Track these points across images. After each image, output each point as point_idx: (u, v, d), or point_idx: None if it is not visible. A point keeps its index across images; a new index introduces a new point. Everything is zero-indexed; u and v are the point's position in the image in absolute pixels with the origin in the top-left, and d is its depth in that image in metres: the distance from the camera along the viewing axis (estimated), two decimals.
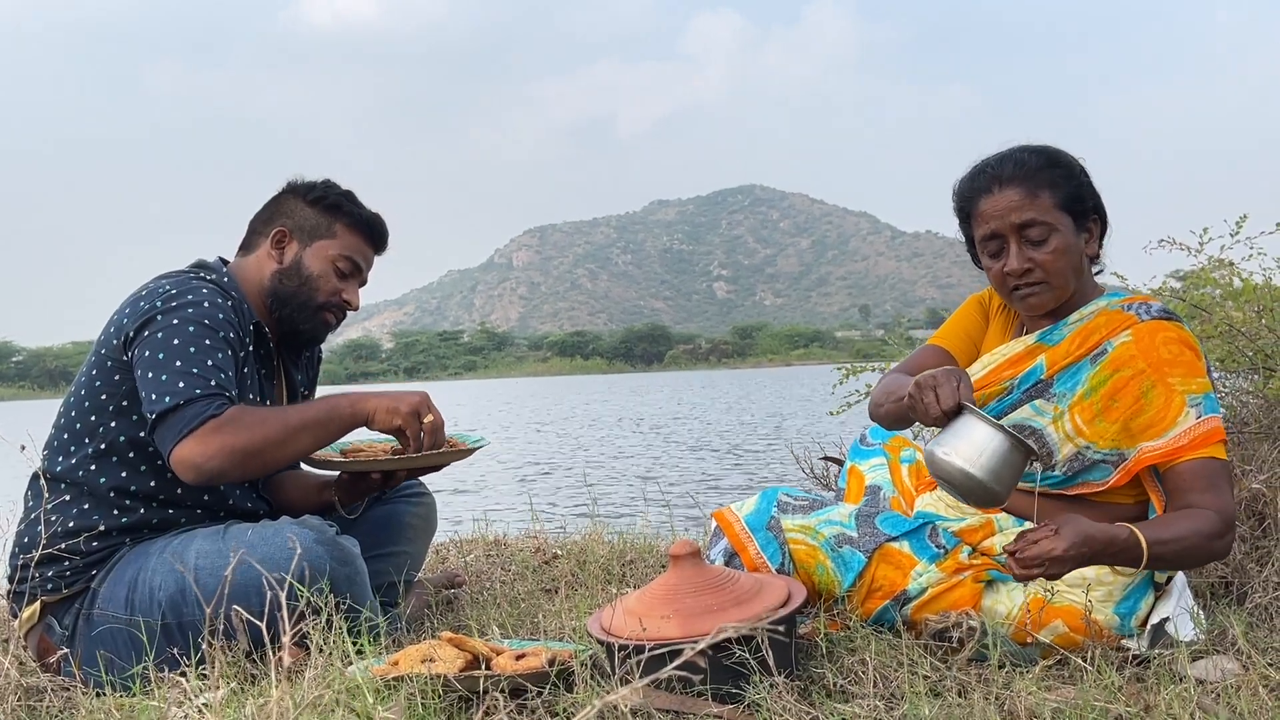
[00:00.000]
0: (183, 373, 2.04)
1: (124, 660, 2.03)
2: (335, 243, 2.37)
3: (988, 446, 1.74)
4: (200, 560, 2.04)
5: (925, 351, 2.28)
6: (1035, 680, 1.73)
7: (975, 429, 1.76)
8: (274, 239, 2.34)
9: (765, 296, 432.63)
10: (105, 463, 2.15)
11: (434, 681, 1.66)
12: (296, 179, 2.44)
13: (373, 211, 2.44)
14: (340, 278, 2.38)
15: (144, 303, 2.15)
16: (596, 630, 1.83)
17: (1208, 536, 1.84)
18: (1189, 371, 1.96)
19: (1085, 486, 2.01)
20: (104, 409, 2.16)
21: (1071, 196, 2.00)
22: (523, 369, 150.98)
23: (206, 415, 2.01)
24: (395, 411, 2.21)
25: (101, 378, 2.17)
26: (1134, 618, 1.94)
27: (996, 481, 1.74)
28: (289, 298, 2.34)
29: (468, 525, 3.97)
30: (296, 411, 2.17)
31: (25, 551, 2.13)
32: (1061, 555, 1.70)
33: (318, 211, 2.37)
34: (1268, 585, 2.20)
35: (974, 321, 2.28)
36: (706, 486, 9.09)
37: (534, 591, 2.82)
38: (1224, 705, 1.60)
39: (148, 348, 2.08)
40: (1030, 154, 2.03)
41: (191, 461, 2.01)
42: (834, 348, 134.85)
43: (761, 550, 2.12)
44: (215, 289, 2.21)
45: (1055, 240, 1.99)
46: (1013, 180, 2.00)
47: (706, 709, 1.64)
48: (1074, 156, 2.06)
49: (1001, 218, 2.00)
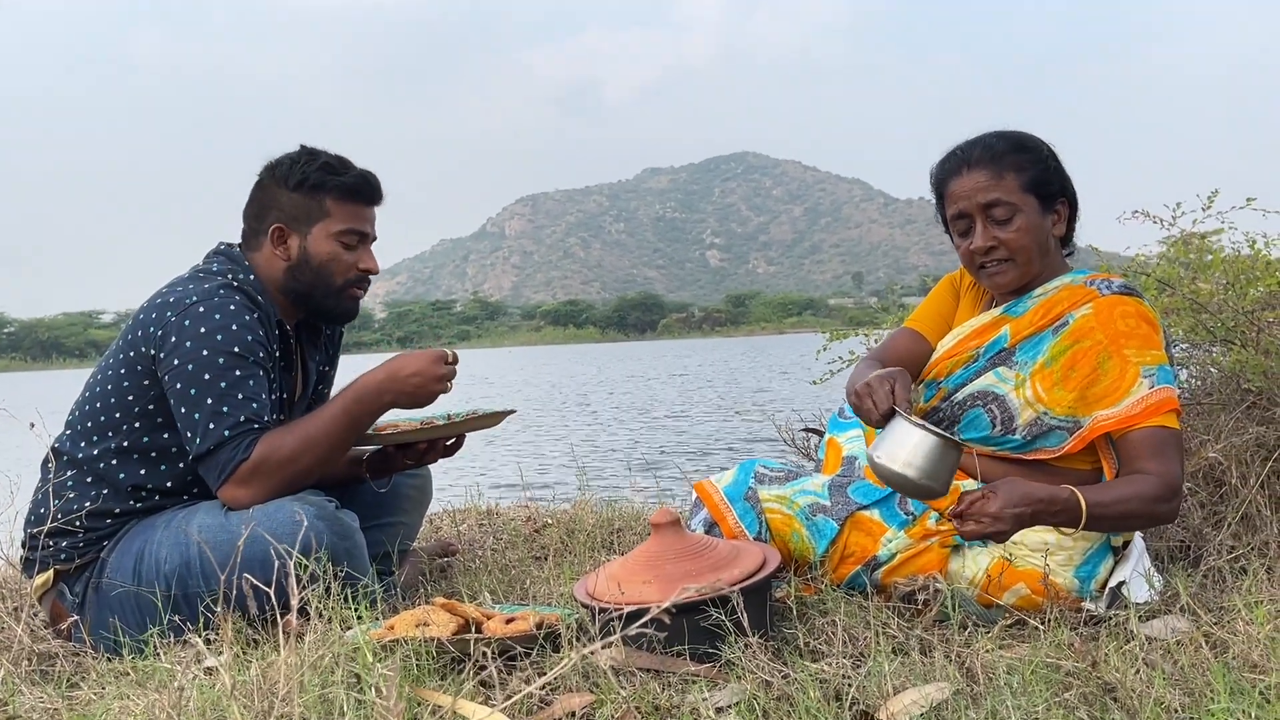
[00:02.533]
0: (212, 411, 2.10)
1: (131, 628, 2.11)
2: (332, 220, 2.33)
3: (920, 448, 1.83)
4: (204, 534, 2.09)
5: (899, 335, 2.37)
6: (994, 639, 1.84)
7: (907, 433, 1.84)
8: (274, 237, 2.32)
9: (758, 264, 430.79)
10: (125, 459, 2.21)
11: (428, 644, 1.74)
12: (271, 161, 2.37)
13: (357, 171, 2.37)
14: (350, 250, 2.35)
15: (172, 315, 2.17)
16: (581, 595, 1.93)
17: (1150, 500, 1.93)
18: (1144, 344, 2.05)
19: (1043, 452, 2.10)
20: (129, 409, 2.20)
21: (1036, 179, 2.10)
22: (516, 338, 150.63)
23: (236, 461, 2.10)
24: (421, 389, 2.25)
25: (130, 379, 2.20)
26: (1093, 581, 2.04)
27: (932, 479, 1.83)
28: (309, 289, 2.34)
29: (461, 496, 4.05)
30: (321, 424, 2.20)
31: (40, 522, 2.20)
32: (997, 513, 1.81)
33: (303, 195, 2.32)
34: (1221, 549, 2.29)
35: (945, 301, 2.38)
36: (695, 456, 9.19)
37: (524, 559, 2.90)
38: (1169, 660, 1.70)
39: (178, 379, 2.12)
40: (998, 138, 2.13)
41: (238, 503, 2.12)
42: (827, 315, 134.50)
43: (740, 520, 2.22)
44: (243, 301, 2.22)
45: (1019, 220, 2.08)
46: (980, 163, 2.10)
47: (684, 667, 1.74)
48: (1043, 141, 2.16)
49: (968, 198, 2.10)
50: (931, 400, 2.24)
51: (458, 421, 2.43)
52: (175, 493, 2.25)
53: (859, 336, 4.02)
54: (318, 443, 2.18)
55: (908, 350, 2.31)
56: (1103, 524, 1.93)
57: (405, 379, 2.23)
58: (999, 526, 1.82)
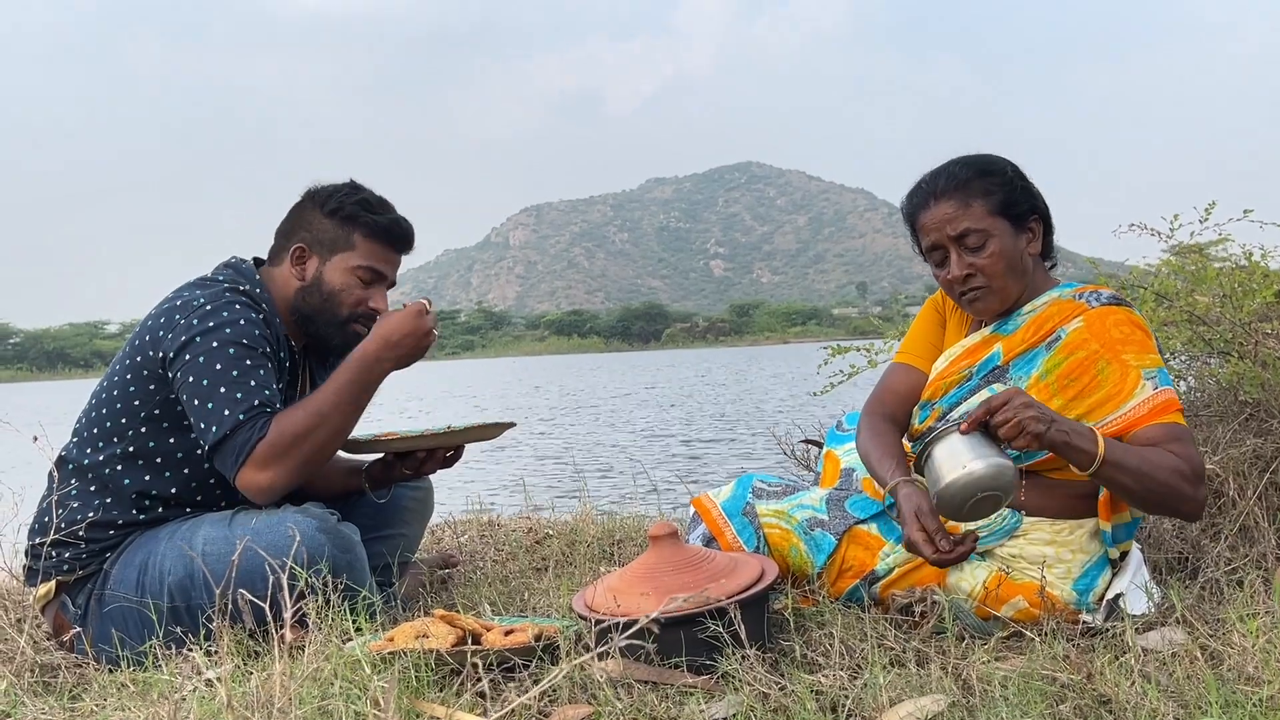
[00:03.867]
0: (226, 399, 2.12)
1: (135, 639, 2.13)
2: (354, 254, 2.36)
3: (960, 448, 1.86)
4: (207, 546, 2.12)
5: (894, 373, 2.36)
6: (990, 651, 1.84)
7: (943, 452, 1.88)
8: (294, 255, 2.36)
9: (762, 274, 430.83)
10: (130, 465, 2.23)
11: (426, 656, 1.75)
12: (315, 186, 2.42)
13: (394, 215, 2.42)
14: (363, 286, 2.38)
15: (180, 317, 2.19)
16: (580, 606, 1.94)
17: (1173, 471, 1.89)
18: (1141, 348, 2.05)
19: (1042, 462, 2.07)
20: (135, 414, 2.23)
21: (1005, 202, 2.10)
22: (520, 348, 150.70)
23: (253, 442, 2.10)
24: (409, 356, 2.27)
25: (136, 384, 2.23)
26: (1091, 594, 2.03)
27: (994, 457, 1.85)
28: (314, 314, 2.37)
29: (462, 507, 4.06)
30: (326, 397, 2.19)
31: (44, 532, 2.22)
32: (1028, 401, 1.83)
33: (335, 223, 2.36)
34: (1219, 560, 2.30)
35: (932, 327, 2.38)
36: (697, 467, 9.20)
37: (525, 570, 2.91)
38: (1164, 672, 1.70)
39: (190, 373, 2.14)
40: (961, 166, 2.14)
41: (258, 487, 2.12)
42: (831, 325, 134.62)
43: (738, 535, 2.23)
44: (247, 304, 2.26)
45: (992, 245, 2.09)
46: (945, 193, 2.11)
47: (681, 679, 1.74)
48: (1008, 162, 2.16)
49: (939, 229, 2.11)
50: (926, 421, 2.24)
51: (456, 432, 2.45)
52: (179, 501, 2.27)
53: (859, 353, 4.02)
54: (328, 416, 2.17)
55: (906, 385, 2.31)
56: (1119, 475, 1.88)
57: (399, 342, 2.24)
58: (1032, 413, 1.83)
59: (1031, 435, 1.82)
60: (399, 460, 2.52)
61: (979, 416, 1.86)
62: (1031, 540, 2.05)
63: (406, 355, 2.27)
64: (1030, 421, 1.82)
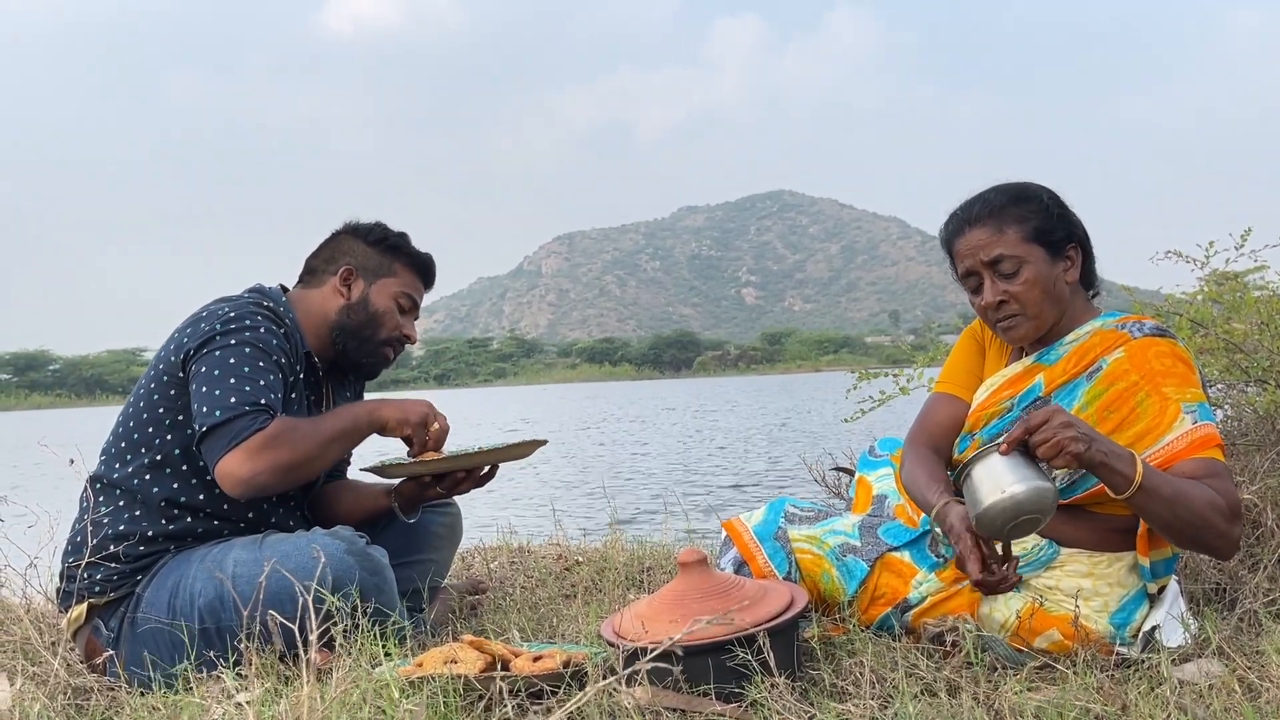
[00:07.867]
0: (234, 389, 2.18)
1: (166, 662, 2.14)
2: (396, 280, 2.54)
3: (998, 469, 1.84)
4: (238, 569, 2.14)
5: (936, 403, 2.33)
6: (1022, 681, 1.82)
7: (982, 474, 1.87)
8: (342, 276, 2.50)
9: (794, 302, 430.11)
10: (158, 473, 2.27)
11: (455, 681, 1.75)
12: (353, 220, 2.59)
13: (425, 252, 2.62)
14: (401, 313, 2.56)
15: (204, 324, 2.28)
16: (608, 633, 1.93)
17: (1209, 505, 1.86)
18: (1183, 382, 2.02)
19: (1082, 496, 2.05)
20: (160, 422, 2.28)
21: (1039, 229, 2.09)
22: (551, 376, 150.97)
23: (253, 429, 2.14)
24: (405, 422, 2.39)
25: (159, 391, 2.30)
26: (1128, 628, 2.00)
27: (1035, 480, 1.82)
28: (355, 331, 2.51)
29: (493, 533, 4.07)
30: (328, 424, 2.30)
31: (77, 553, 2.26)
32: (1068, 420, 1.80)
33: (379, 252, 2.54)
34: (1258, 591, 2.26)
35: (972, 356, 2.36)
36: (729, 493, 9.17)
37: (554, 597, 2.91)
38: (1201, 704, 1.67)
39: (204, 365, 2.22)
40: (996, 193, 2.13)
41: (237, 475, 2.14)
42: (864, 353, 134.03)
43: (769, 559, 2.22)
44: (270, 317, 2.34)
45: (1026, 272, 2.08)
46: (980, 220, 2.10)
47: (709, 707, 1.73)
48: (1045, 189, 2.15)
49: (973, 255, 2.11)
50: (966, 451, 2.21)
51: (489, 451, 2.46)
52: (206, 512, 2.29)
53: (888, 378, 4.01)
54: (322, 432, 2.27)
55: (948, 416, 2.28)
56: (1154, 501, 1.85)
57: (393, 400, 2.43)
58: (1072, 432, 1.80)
59: (1071, 455, 1.80)
60: (435, 480, 2.54)
61: (1018, 436, 1.84)
62: (1069, 572, 2.02)
63: (404, 424, 2.40)
64: (1069, 441, 1.80)
